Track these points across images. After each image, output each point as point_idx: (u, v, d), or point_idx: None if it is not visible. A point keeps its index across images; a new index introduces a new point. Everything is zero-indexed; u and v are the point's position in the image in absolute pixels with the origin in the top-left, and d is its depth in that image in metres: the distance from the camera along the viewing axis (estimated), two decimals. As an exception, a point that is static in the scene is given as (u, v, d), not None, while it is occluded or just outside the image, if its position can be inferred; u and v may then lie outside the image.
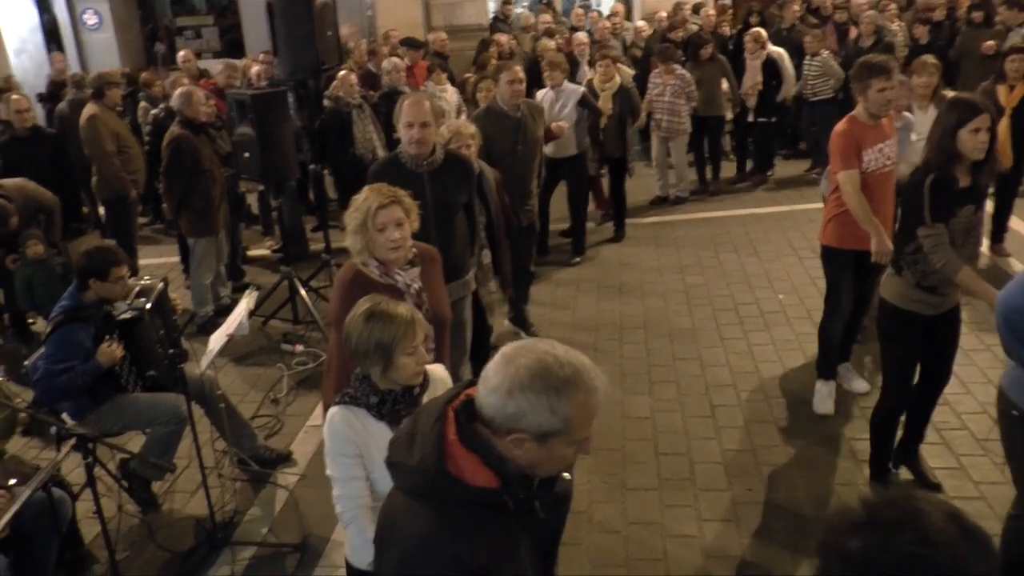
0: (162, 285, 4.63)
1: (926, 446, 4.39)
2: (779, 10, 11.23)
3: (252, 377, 5.98)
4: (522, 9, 14.13)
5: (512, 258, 5.06)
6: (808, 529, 3.98)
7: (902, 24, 10.53)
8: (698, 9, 12.01)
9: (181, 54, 10.42)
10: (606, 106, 7.67)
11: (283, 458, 4.92)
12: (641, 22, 11.96)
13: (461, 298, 4.49)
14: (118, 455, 3.93)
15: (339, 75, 8.32)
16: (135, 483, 4.46)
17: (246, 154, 6.46)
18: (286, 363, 6.10)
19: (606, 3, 15.37)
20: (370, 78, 9.20)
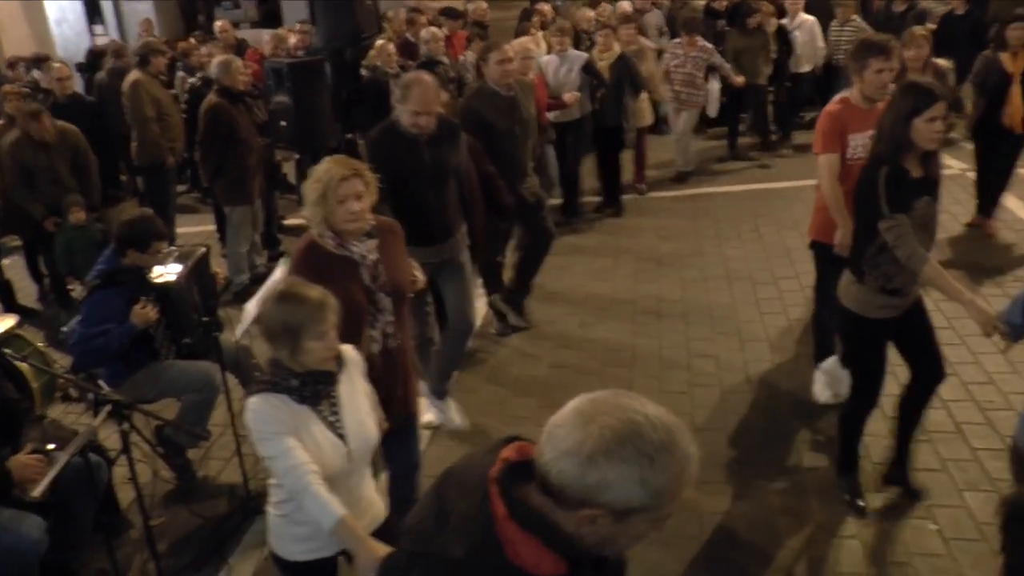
0: (203, 251, 4.61)
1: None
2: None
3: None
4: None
5: (528, 234, 5.20)
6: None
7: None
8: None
9: (218, 24, 10.41)
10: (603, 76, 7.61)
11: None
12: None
13: (450, 258, 4.53)
14: (153, 422, 3.95)
15: (377, 44, 8.27)
16: (170, 450, 4.49)
17: (283, 123, 6.45)
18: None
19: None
20: (408, 48, 9.11)
